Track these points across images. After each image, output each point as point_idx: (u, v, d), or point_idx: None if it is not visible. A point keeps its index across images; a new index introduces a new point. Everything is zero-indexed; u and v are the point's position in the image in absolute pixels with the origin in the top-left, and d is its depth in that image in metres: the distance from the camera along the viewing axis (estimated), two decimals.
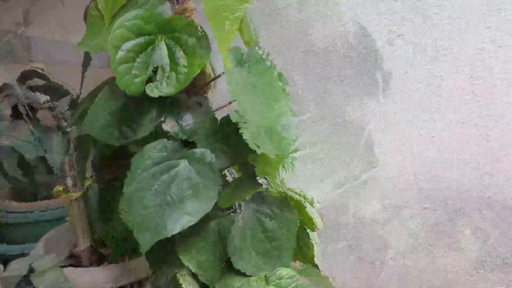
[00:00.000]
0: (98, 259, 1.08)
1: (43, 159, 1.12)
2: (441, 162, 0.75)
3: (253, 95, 0.59)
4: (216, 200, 0.60)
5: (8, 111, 1.32)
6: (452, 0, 0.66)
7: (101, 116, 0.61)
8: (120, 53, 0.53)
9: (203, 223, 0.69)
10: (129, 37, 0.53)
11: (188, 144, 0.65)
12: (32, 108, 1.22)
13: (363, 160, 0.85)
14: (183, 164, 0.60)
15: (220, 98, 0.63)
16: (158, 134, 0.65)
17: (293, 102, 0.62)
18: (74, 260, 1.07)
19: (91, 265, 1.05)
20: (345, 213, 0.89)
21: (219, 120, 0.66)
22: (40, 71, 1.35)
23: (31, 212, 1.16)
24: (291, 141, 0.63)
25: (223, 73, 0.60)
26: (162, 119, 0.61)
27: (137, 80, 0.55)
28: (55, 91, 1.36)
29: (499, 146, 0.68)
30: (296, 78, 0.87)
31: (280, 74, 0.63)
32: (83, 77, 0.93)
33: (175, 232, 0.58)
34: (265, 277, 0.69)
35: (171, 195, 0.60)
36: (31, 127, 0.96)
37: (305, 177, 0.93)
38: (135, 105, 0.61)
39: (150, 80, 0.56)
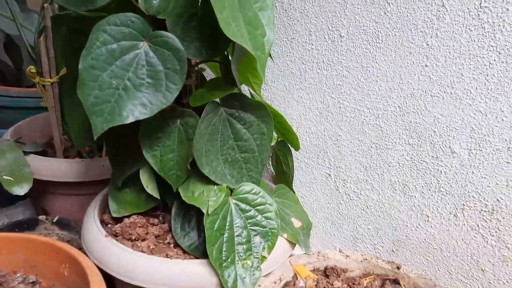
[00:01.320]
0: (78, 156, 1.05)
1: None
2: (431, 95, 0.66)
3: None
4: (177, 94, 0.53)
5: None
6: None
7: None
8: None
9: (168, 120, 0.63)
10: None
11: (160, 24, 0.57)
12: None
13: (346, 87, 0.77)
14: (144, 47, 0.53)
15: None
16: (134, 10, 0.57)
17: None
18: (49, 152, 1.03)
19: (65, 158, 1.02)
20: (326, 142, 0.83)
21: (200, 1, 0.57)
22: None
23: (8, 96, 1.11)
24: (272, 39, 0.55)
25: None
26: None
27: None
28: None
29: (497, 82, 0.60)
30: None
31: None
32: None
33: (128, 122, 0.52)
34: (228, 188, 0.65)
35: (129, 80, 0.53)
36: (7, 1, 0.87)
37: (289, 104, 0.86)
38: None
39: None
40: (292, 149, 0.83)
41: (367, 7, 0.70)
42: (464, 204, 0.68)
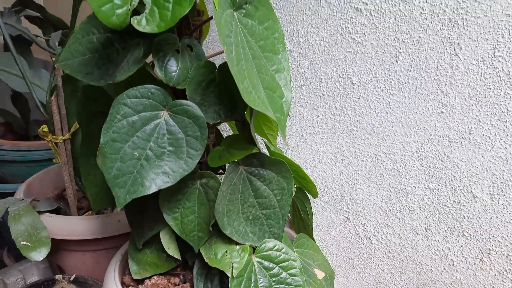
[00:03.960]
0: (89, 206, 1.04)
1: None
2: (449, 140, 0.66)
3: (249, 45, 0.51)
4: (198, 159, 0.53)
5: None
6: None
7: (79, 51, 0.54)
8: None
9: (188, 182, 0.63)
10: None
11: (179, 92, 0.57)
12: (24, 41, 1.14)
13: (361, 132, 0.77)
14: (165, 116, 0.53)
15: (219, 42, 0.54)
16: (152, 79, 0.58)
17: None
18: (62, 204, 1.03)
19: (79, 210, 1.01)
20: (342, 185, 0.82)
21: (217, 67, 0.58)
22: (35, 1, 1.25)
23: (18, 151, 1.11)
24: (290, 100, 0.55)
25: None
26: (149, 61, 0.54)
27: (120, 11, 0.47)
28: (51, 23, 1.28)
29: None
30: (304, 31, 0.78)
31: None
32: (74, 11, 0.85)
33: (151, 192, 0.52)
34: (250, 246, 0.64)
35: (151, 149, 0.53)
36: (16, 59, 0.88)
37: (304, 147, 0.86)
38: (119, 42, 0.54)
39: (136, 11, 0.48)
40: (310, 196, 0.82)
41: (378, 55, 0.70)
42: (490, 249, 0.67)
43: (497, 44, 0.58)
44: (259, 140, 0.91)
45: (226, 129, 0.99)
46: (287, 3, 0.79)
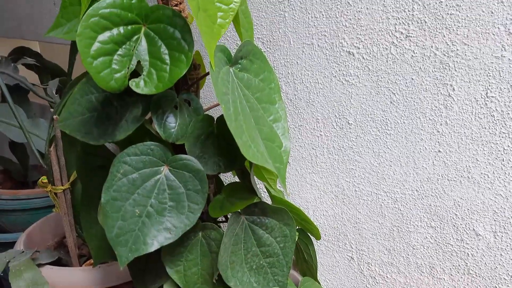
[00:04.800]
0: (90, 252, 1.03)
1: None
2: (448, 179, 0.67)
3: (246, 98, 0.52)
4: (200, 213, 0.53)
5: None
6: None
7: (78, 111, 0.54)
8: (97, 45, 0.45)
9: (190, 234, 0.62)
10: (107, 26, 0.46)
11: (178, 146, 0.58)
12: (22, 89, 1.15)
13: (360, 171, 0.77)
14: (165, 171, 0.53)
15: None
16: (151, 135, 0.58)
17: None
18: (63, 253, 1.01)
19: (80, 257, 1.00)
20: (345, 224, 0.82)
21: (215, 119, 0.58)
22: (33, 48, 1.27)
23: (17, 199, 1.10)
24: (289, 149, 0.55)
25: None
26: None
27: (118, 75, 0.48)
28: (49, 70, 1.29)
29: None
30: (298, 75, 0.79)
31: None
32: (71, 60, 0.86)
33: (153, 250, 0.52)
34: None
35: (152, 206, 0.53)
36: (13, 111, 0.89)
37: (304, 186, 0.86)
38: (117, 101, 0.54)
39: (135, 72, 0.49)
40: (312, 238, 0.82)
41: (373, 97, 0.71)
42: (496, 287, 0.66)
43: (489, 85, 0.59)
44: (258, 181, 0.91)
45: None
46: (281, 48, 0.80)
